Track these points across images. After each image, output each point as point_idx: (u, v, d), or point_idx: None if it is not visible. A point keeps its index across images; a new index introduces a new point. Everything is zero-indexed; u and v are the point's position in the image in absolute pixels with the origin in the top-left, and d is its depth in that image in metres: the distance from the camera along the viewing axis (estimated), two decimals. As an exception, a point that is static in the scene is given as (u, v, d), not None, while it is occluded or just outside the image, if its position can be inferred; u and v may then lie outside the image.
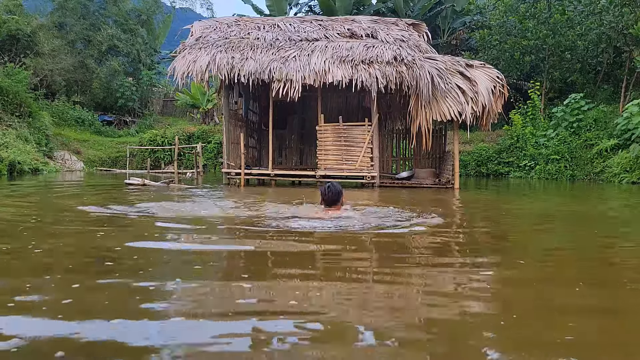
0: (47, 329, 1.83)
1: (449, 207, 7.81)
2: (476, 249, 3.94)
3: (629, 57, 18.67)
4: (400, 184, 12.76)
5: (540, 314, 2.19)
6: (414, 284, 2.72)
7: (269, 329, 1.88)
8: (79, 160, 21.67)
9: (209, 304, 2.22)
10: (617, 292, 2.64)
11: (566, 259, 3.68)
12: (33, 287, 2.42)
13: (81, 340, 1.73)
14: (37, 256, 3.19)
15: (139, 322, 1.94)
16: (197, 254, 3.43)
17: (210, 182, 13.67)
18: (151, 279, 2.64)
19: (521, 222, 6.22)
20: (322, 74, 11.39)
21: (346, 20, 13.66)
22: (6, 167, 14.84)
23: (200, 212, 5.93)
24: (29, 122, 19.53)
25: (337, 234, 4.24)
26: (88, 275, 2.78)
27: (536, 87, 20.36)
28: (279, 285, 2.59)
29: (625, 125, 15.52)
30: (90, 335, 1.77)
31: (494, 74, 11.86)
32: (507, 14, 20.80)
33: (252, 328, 1.88)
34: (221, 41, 12.38)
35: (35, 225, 4.79)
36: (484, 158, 19.94)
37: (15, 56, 24.34)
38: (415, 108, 11.67)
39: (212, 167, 23.05)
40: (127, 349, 1.68)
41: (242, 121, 14.16)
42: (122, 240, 3.73)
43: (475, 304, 2.28)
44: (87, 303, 2.21)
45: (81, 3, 28.26)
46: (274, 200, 8.05)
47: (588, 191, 11.87)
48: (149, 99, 31.52)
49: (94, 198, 8.01)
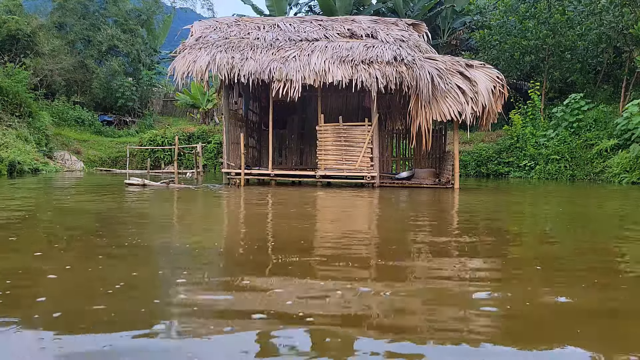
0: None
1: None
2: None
3: (629, 57, 18.66)
4: (400, 184, 12.75)
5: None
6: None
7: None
8: (79, 160, 21.65)
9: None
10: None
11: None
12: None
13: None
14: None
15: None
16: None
17: (210, 182, 13.67)
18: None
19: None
20: (322, 74, 11.38)
21: (346, 20, 13.65)
22: (6, 167, 14.83)
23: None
24: (29, 122, 19.52)
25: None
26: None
27: (536, 87, 20.35)
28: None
29: (625, 125, 15.51)
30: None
31: (494, 74, 11.86)
32: (507, 14, 20.78)
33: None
34: (221, 41, 12.37)
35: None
36: (484, 158, 19.93)
37: (15, 56, 24.33)
38: (415, 108, 11.66)
39: (212, 167, 23.04)
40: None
41: (242, 121, 14.15)
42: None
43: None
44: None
45: (81, 3, 28.26)
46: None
47: (615, 192, 11.81)
48: (149, 99, 31.49)
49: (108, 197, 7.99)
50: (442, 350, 1.79)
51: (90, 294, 2.44)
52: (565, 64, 20.06)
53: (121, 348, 1.74)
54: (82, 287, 2.59)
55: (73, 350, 1.73)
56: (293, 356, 1.70)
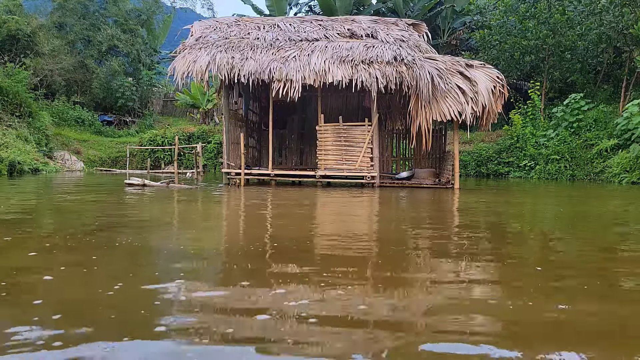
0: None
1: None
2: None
3: (629, 57, 18.66)
4: (400, 184, 12.75)
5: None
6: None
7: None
8: (79, 160, 21.66)
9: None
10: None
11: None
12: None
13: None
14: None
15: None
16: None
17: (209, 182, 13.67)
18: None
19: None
20: (322, 74, 11.38)
21: (346, 20, 13.65)
22: (6, 167, 14.84)
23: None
24: (29, 122, 19.52)
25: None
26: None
27: (536, 87, 20.36)
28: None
29: (625, 125, 15.52)
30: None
31: (494, 74, 11.86)
32: (507, 14, 20.79)
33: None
34: (221, 41, 12.37)
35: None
36: (484, 158, 19.93)
37: (15, 56, 24.33)
38: (415, 108, 11.66)
39: (212, 167, 23.05)
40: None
41: (242, 121, 14.15)
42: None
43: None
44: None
45: (81, 3, 28.26)
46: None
47: (621, 192, 11.80)
48: (149, 99, 31.50)
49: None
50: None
51: (85, 296, 2.44)
52: (565, 64, 20.07)
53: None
54: (76, 288, 2.59)
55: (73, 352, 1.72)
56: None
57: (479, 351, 1.76)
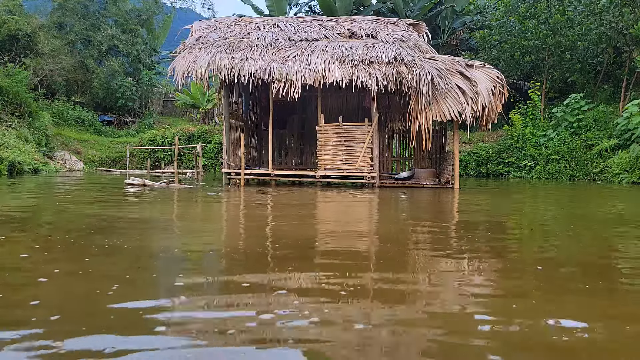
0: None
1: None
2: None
3: (629, 57, 18.66)
4: (400, 184, 12.75)
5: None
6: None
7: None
8: (79, 160, 21.65)
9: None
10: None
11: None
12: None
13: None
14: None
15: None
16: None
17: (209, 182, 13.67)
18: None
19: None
20: (322, 74, 11.38)
21: (346, 20, 13.65)
22: (6, 167, 14.84)
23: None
24: (29, 122, 19.52)
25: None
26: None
27: (536, 87, 20.35)
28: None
29: (625, 125, 15.51)
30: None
31: (494, 74, 11.86)
32: (507, 14, 20.78)
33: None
34: (221, 41, 12.37)
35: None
36: (484, 158, 19.93)
37: (15, 56, 24.32)
38: (415, 108, 11.66)
39: (212, 167, 23.05)
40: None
41: (242, 121, 14.14)
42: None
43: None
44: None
45: (81, 3, 28.25)
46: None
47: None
48: (149, 99, 31.49)
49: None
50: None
51: (82, 297, 2.44)
52: (565, 64, 20.06)
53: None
54: (73, 290, 2.59)
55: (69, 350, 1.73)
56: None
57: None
